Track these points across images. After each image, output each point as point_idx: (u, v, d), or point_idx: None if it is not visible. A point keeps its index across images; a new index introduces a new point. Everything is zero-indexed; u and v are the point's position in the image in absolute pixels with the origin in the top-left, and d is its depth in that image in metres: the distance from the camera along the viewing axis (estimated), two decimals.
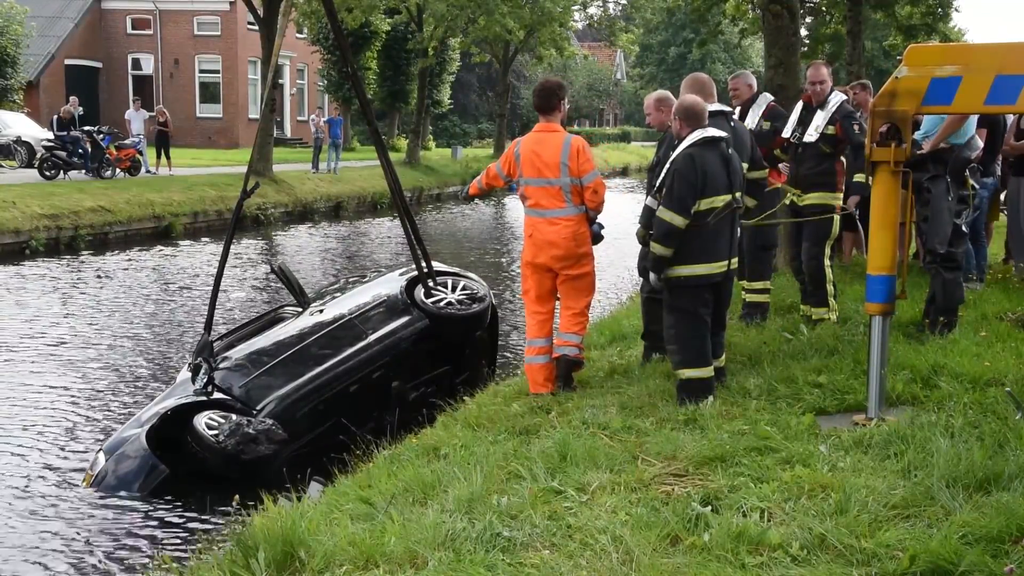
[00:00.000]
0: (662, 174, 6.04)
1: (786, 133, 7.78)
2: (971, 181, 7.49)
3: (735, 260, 6.17)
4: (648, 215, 6.36)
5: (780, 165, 7.96)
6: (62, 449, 7.89)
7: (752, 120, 8.06)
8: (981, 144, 8.10)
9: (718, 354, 6.21)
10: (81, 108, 27.10)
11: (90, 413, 8.88)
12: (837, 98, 7.62)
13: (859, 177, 7.57)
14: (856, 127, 7.45)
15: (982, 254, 9.39)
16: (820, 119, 7.55)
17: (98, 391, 9.58)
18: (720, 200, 5.90)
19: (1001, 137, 8.98)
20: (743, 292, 8.03)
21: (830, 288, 7.65)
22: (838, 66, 22.43)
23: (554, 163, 6.45)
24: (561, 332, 6.72)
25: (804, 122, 7.66)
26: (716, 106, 6.76)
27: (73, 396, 9.38)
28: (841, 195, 7.70)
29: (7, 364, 10.50)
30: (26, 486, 7.06)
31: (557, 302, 6.84)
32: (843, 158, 7.75)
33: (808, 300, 7.81)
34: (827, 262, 7.64)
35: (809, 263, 7.64)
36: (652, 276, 6.07)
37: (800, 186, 7.65)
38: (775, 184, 7.85)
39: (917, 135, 7.30)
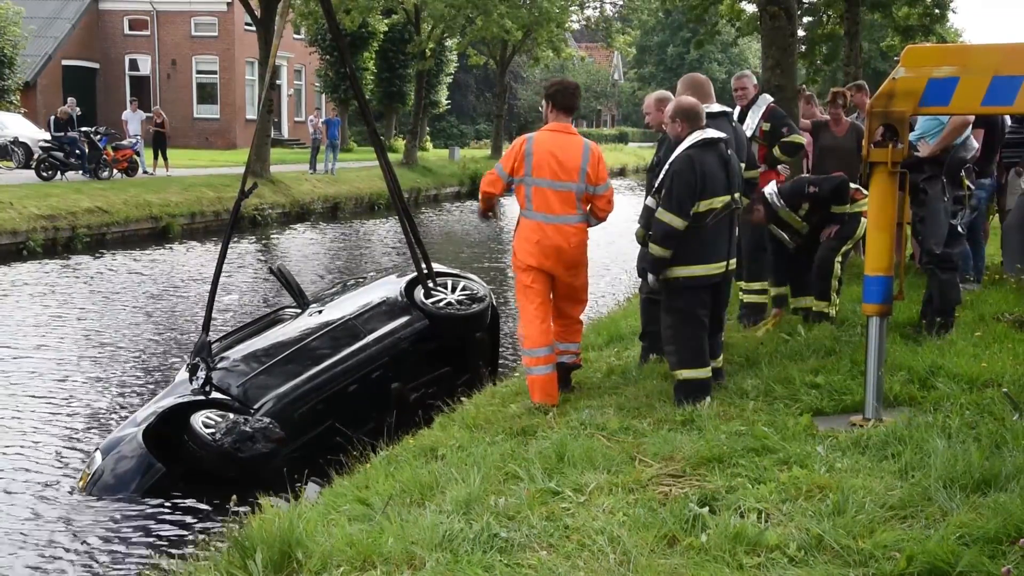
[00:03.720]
0: (661, 175, 6.03)
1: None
2: (967, 182, 7.49)
3: (734, 261, 6.16)
4: (648, 216, 6.35)
5: (779, 167, 7.95)
6: (59, 449, 7.88)
7: (751, 121, 8.01)
8: (977, 145, 8.10)
9: (716, 354, 6.21)
10: (79, 109, 27.06)
11: (87, 412, 8.87)
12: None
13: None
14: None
15: (980, 255, 9.40)
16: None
17: (96, 390, 9.57)
18: (719, 201, 5.89)
19: (999, 138, 8.99)
20: (740, 293, 8.02)
21: (834, 283, 7.60)
22: (835, 67, 22.48)
23: (574, 168, 6.18)
24: (560, 342, 6.50)
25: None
26: (717, 107, 6.74)
27: (70, 396, 9.37)
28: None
29: (4, 364, 10.48)
30: (23, 486, 7.06)
31: None
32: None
33: (811, 291, 7.73)
34: (838, 257, 7.57)
35: (822, 252, 7.57)
36: (650, 277, 6.06)
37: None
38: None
39: (912, 136, 7.29)
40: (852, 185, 7.49)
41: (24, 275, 16.22)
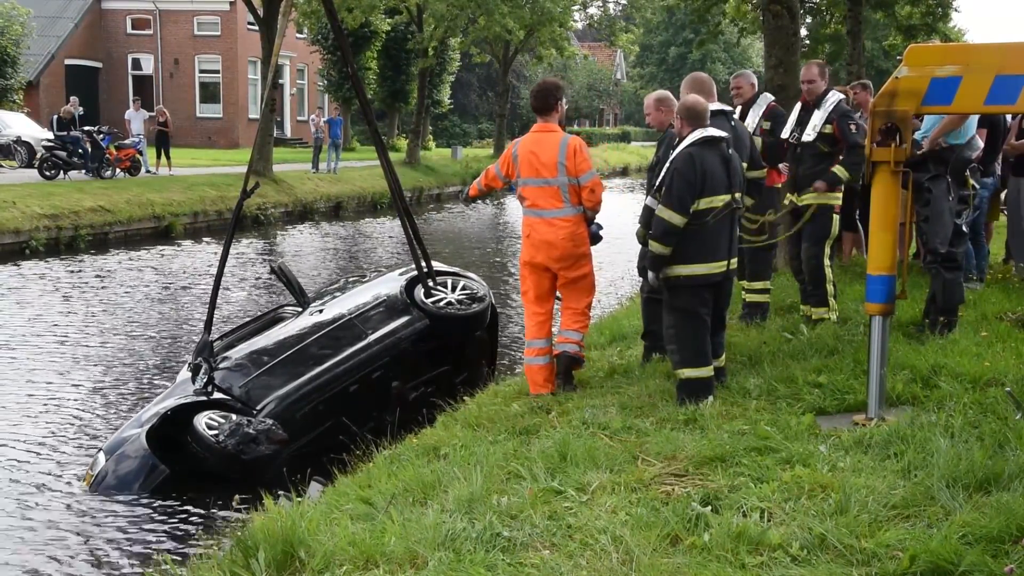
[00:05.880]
0: (662, 173, 6.04)
1: (784, 134, 7.79)
2: (971, 181, 7.49)
3: (735, 260, 6.18)
4: (648, 215, 6.36)
5: (780, 165, 7.97)
6: (62, 449, 7.88)
7: (752, 120, 8.08)
8: (981, 144, 8.09)
9: (718, 354, 6.22)
10: (81, 108, 27.08)
11: (90, 413, 8.87)
12: (834, 97, 7.59)
13: (838, 169, 7.45)
14: (853, 127, 7.41)
15: (982, 254, 9.39)
16: (817, 118, 7.55)
17: (98, 391, 9.58)
18: (719, 200, 5.90)
19: (1002, 137, 8.98)
20: (743, 292, 8.03)
21: (830, 288, 7.64)
22: (838, 66, 22.45)
23: (551, 163, 6.46)
24: (562, 329, 6.72)
25: (802, 122, 7.66)
26: (717, 105, 6.77)
27: (73, 397, 9.37)
28: (840, 195, 7.68)
29: (7, 364, 10.49)
30: (26, 486, 7.06)
31: (557, 302, 6.83)
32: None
33: (808, 300, 7.81)
34: (827, 262, 7.64)
35: (808, 263, 7.65)
36: (650, 275, 6.08)
37: (799, 187, 7.65)
38: (775, 184, 7.87)
39: (916, 135, 7.29)
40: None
41: (27, 274, 16.23)
